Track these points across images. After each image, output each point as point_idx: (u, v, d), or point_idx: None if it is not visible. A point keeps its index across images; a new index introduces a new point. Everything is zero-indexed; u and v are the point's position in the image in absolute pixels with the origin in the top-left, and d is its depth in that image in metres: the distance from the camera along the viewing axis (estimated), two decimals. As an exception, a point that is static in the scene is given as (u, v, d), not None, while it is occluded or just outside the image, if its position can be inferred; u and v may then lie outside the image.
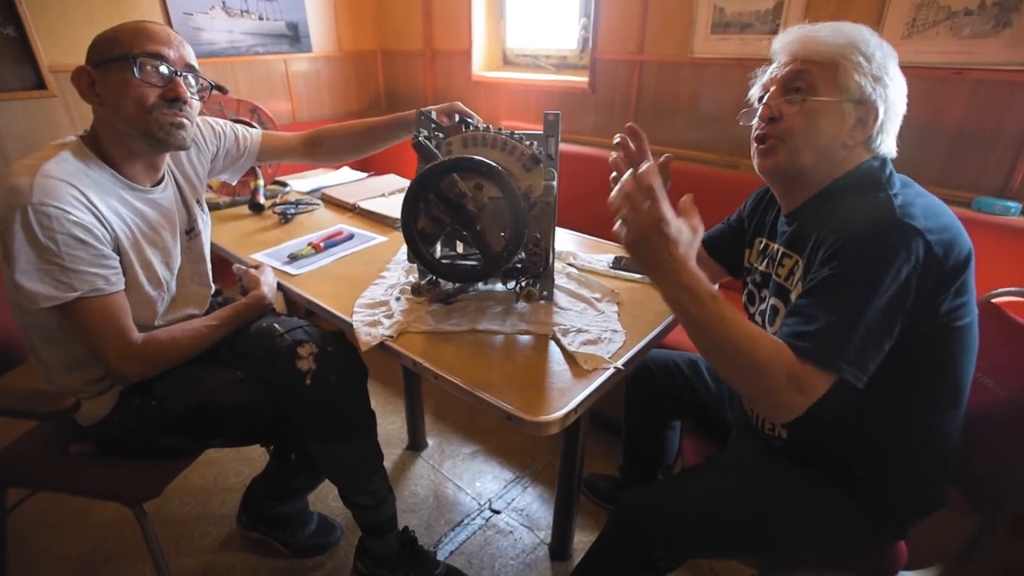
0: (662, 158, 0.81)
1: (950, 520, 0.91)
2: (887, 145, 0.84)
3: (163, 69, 0.90)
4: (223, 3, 2.40)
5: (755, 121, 0.89)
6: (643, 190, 0.71)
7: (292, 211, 1.57)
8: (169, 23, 2.27)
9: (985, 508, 0.89)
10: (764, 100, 0.86)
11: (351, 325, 1.00)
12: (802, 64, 0.82)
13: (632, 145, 0.94)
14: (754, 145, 0.89)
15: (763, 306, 0.94)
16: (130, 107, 0.89)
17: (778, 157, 0.85)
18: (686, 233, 0.73)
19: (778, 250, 0.92)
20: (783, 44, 0.86)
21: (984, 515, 0.89)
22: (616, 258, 1.25)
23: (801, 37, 0.84)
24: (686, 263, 0.72)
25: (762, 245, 1.00)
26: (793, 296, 0.85)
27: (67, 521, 1.47)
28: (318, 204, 1.68)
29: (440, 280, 1.07)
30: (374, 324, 0.99)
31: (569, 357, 0.91)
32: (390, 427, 1.84)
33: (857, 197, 0.79)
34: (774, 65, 0.88)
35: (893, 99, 0.81)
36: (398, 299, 1.07)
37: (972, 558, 0.89)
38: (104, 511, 1.49)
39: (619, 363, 0.89)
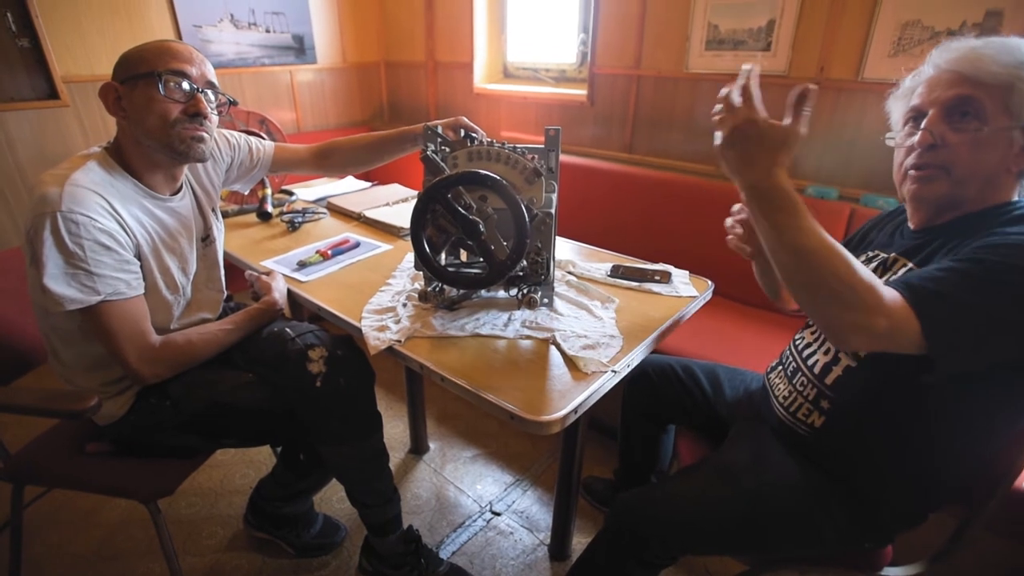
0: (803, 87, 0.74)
1: (934, 518, 0.95)
2: None
3: (185, 86, 0.95)
4: (231, 16, 2.46)
5: (906, 143, 0.83)
6: (739, 90, 0.72)
7: (300, 219, 1.62)
8: (179, 35, 2.33)
9: (966, 506, 0.93)
10: (924, 125, 0.80)
11: (359, 330, 1.04)
12: (971, 88, 0.76)
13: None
14: (909, 172, 0.83)
15: None
16: (154, 121, 0.94)
17: (939, 187, 0.80)
18: (779, 131, 0.70)
19: (894, 259, 0.89)
20: (946, 60, 0.79)
21: (965, 513, 0.93)
22: (614, 266, 1.30)
23: (968, 55, 0.77)
24: (778, 163, 0.71)
25: (871, 255, 0.96)
26: None
27: (77, 520, 1.50)
28: (324, 213, 1.72)
29: (445, 287, 1.11)
30: (382, 329, 1.03)
31: (569, 361, 0.95)
32: (393, 431, 1.87)
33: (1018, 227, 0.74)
34: (925, 79, 0.82)
35: None
36: (405, 305, 1.12)
37: (953, 554, 0.93)
38: (113, 511, 1.52)
39: (616, 367, 0.93)
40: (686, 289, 1.22)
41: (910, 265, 0.85)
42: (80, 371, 1.03)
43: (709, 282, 1.25)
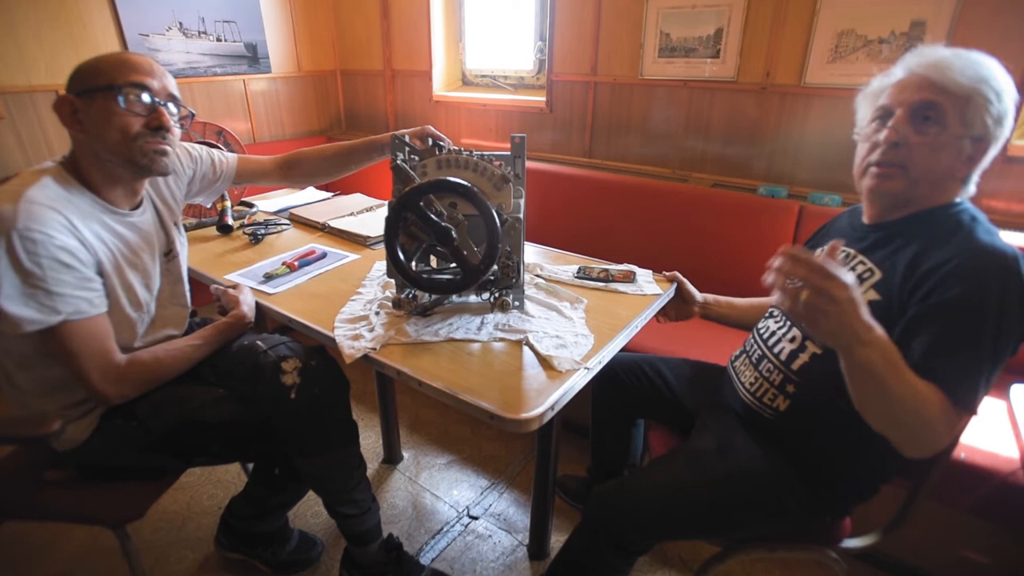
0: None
1: (885, 492, 1.01)
2: (974, 181, 0.87)
3: (146, 99, 0.93)
4: (180, 24, 2.39)
5: (872, 138, 0.89)
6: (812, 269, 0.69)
7: (262, 232, 1.59)
8: (124, 44, 2.25)
9: (912, 478, 1.01)
10: (891, 124, 0.85)
11: (332, 340, 1.04)
12: (936, 94, 0.82)
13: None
14: (870, 168, 0.89)
15: None
16: (115, 135, 0.92)
17: (896, 184, 0.86)
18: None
19: (853, 255, 0.94)
20: (918, 64, 0.85)
21: (911, 485, 1.00)
22: (580, 268, 1.34)
23: (938, 62, 0.83)
24: (856, 335, 0.71)
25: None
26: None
27: (31, 554, 1.43)
28: (287, 224, 1.70)
29: (418, 294, 1.12)
30: (356, 338, 1.03)
31: (543, 360, 0.98)
32: (365, 442, 1.86)
33: (969, 235, 0.81)
34: (895, 81, 0.87)
35: (1002, 139, 0.83)
36: (377, 313, 1.12)
37: (902, 524, 1.00)
38: (70, 542, 1.46)
39: (589, 364, 0.97)
40: (651, 287, 1.26)
41: (869, 264, 0.90)
42: (38, 396, 0.99)
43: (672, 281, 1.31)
